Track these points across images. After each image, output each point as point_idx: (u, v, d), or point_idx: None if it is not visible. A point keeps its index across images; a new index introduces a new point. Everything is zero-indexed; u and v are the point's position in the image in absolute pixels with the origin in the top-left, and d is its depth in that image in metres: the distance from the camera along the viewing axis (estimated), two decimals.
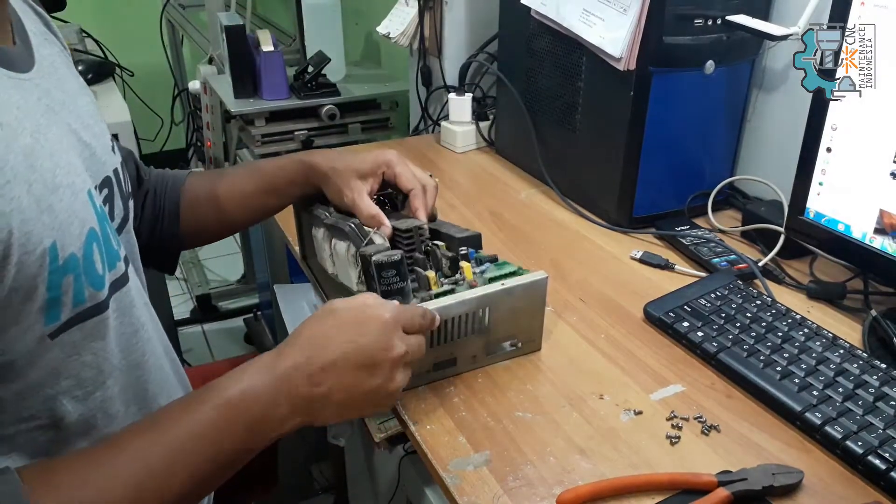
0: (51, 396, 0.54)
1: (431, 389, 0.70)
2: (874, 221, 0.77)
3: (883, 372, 0.69)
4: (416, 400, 0.69)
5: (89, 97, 0.65)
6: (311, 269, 0.92)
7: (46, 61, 0.59)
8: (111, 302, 0.57)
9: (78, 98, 0.62)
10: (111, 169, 0.64)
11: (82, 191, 0.55)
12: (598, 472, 0.61)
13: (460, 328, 0.69)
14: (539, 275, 0.72)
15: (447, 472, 0.61)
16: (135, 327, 0.62)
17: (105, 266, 0.56)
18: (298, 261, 0.95)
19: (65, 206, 0.51)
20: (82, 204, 0.54)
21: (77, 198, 0.53)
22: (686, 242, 0.97)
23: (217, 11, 1.84)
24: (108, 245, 0.57)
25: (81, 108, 0.61)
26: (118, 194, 0.65)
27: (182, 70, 2.86)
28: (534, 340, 0.76)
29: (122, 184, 0.67)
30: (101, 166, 0.62)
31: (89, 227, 0.54)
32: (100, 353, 0.56)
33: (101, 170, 0.62)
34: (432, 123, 1.49)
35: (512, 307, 0.71)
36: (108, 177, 0.63)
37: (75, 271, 0.52)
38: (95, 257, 0.54)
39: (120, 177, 0.66)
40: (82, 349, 0.55)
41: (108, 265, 0.56)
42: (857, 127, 0.78)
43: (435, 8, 1.38)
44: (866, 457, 0.61)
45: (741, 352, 0.73)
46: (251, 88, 1.61)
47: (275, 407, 0.55)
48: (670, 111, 0.98)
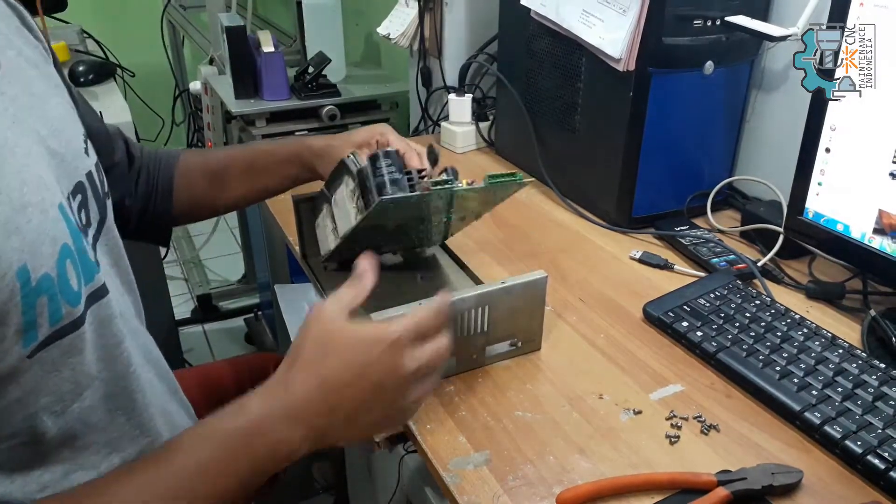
0: (30, 414, 0.52)
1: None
2: (873, 221, 0.77)
3: (882, 372, 0.69)
4: None
5: (61, 97, 0.63)
6: (312, 269, 0.92)
7: (12, 64, 0.56)
8: (88, 315, 0.55)
9: (47, 101, 0.59)
10: (84, 173, 0.61)
11: (53, 206, 0.52)
12: (598, 471, 0.62)
13: (459, 327, 0.69)
14: (538, 274, 0.72)
15: (447, 472, 0.61)
16: (117, 339, 0.60)
17: (81, 280, 0.54)
18: (299, 260, 0.95)
19: (34, 225, 0.49)
20: (53, 221, 0.52)
21: (47, 215, 0.51)
22: (685, 242, 0.97)
23: (218, 12, 1.84)
24: (83, 258, 0.55)
25: (51, 112, 0.59)
26: (93, 198, 0.63)
27: (183, 71, 2.86)
28: (533, 340, 0.76)
29: (97, 186, 0.64)
30: (73, 172, 0.60)
31: (62, 244, 0.52)
32: (77, 367, 0.55)
33: (73, 176, 0.59)
34: (432, 124, 1.49)
35: (511, 306, 0.72)
36: (81, 182, 0.61)
37: (49, 291, 0.49)
38: (70, 273, 0.52)
39: (94, 179, 0.63)
40: (60, 365, 0.53)
41: (84, 279, 0.54)
42: (856, 127, 0.78)
43: (435, 9, 1.38)
44: (865, 456, 0.61)
45: (740, 351, 0.73)
46: (252, 89, 1.61)
47: (289, 435, 0.53)
48: (669, 112, 0.98)
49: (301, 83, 1.62)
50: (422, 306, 0.59)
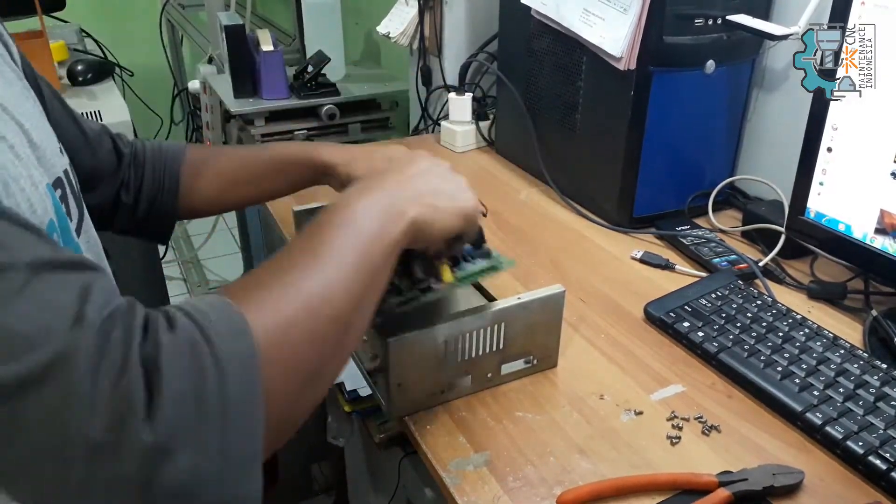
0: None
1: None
2: (875, 221, 0.77)
3: (883, 372, 0.69)
4: None
5: (32, 101, 0.63)
6: None
7: None
8: None
9: (23, 102, 0.59)
10: (62, 170, 0.61)
11: (41, 183, 0.52)
12: (598, 472, 0.61)
13: (475, 345, 0.67)
14: (556, 288, 0.70)
15: (447, 472, 0.61)
16: None
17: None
18: None
19: (26, 195, 0.49)
20: (42, 195, 0.51)
21: (37, 189, 0.51)
22: (686, 242, 0.97)
23: (217, 11, 1.84)
24: (67, 238, 0.54)
25: (28, 111, 0.59)
26: (71, 194, 0.63)
27: (182, 70, 2.86)
28: (550, 357, 0.74)
29: (73, 184, 0.64)
30: (52, 167, 0.59)
31: (49, 219, 0.52)
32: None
33: (52, 170, 0.59)
34: (432, 123, 1.49)
35: (528, 323, 0.69)
36: (60, 177, 0.60)
37: None
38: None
39: (70, 177, 0.63)
40: None
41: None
42: (857, 127, 0.78)
43: (435, 8, 1.38)
44: (867, 457, 0.61)
45: (742, 352, 0.73)
46: (251, 88, 1.61)
47: (390, 206, 0.55)
48: (670, 111, 0.98)
49: (300, 82, 1.62)
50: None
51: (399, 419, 0.68)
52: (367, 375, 0.72)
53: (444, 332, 0.65)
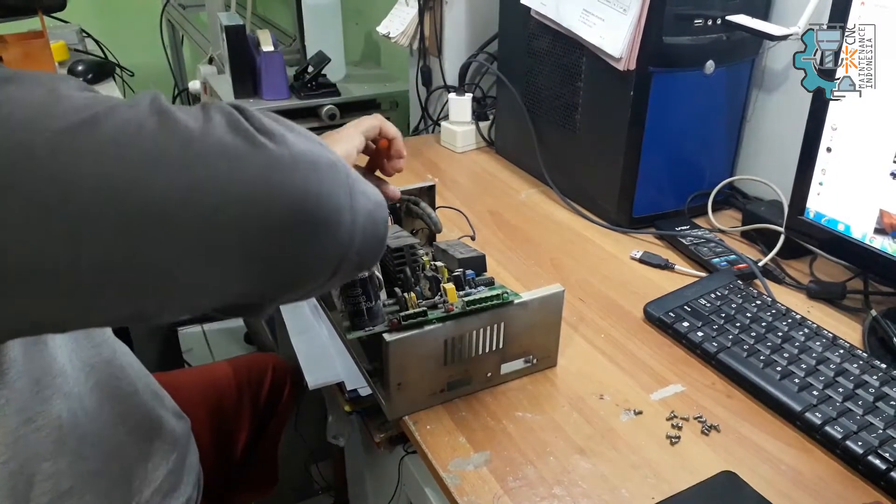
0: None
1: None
2: (874, 221, 0.77)
3: (883, 372, 0.69)
4: None
5: None
6: None
7: None
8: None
9: None
10: None
11: None
12: (599, 472, 0.61)
13: (475, 344, 0.68)
14: (555, 288, 0.70)
15: (447, 472, 0.61)
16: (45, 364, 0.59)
17: None
18: None
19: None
20: None
21: None
22: (686, 242, 0.97)
23: (217, 11, 1.84)
24: None
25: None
26: None
27: (182, 70, 2.86)
28: (549, 356, 0.74)
29: None
30: None
31: None
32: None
33: None
34: (432, 123, 1.49)
35: (527, 322, 0.70)
36: None
37: None
38: None
39: None
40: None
41: None
42: (857, 127, 0.78)
43: (435, 8, 1.38)
44: (866, 457, 0.61)
45: (741, 352, 0.73)
46: (251, 88, 1.61)
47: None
48: (670, 111, 0.98)
49: (301, 82, 1.62)
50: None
51: (399, 419, 0.68)
52: (366, 375, 0.72)
53: (444, 331, 0.65)
